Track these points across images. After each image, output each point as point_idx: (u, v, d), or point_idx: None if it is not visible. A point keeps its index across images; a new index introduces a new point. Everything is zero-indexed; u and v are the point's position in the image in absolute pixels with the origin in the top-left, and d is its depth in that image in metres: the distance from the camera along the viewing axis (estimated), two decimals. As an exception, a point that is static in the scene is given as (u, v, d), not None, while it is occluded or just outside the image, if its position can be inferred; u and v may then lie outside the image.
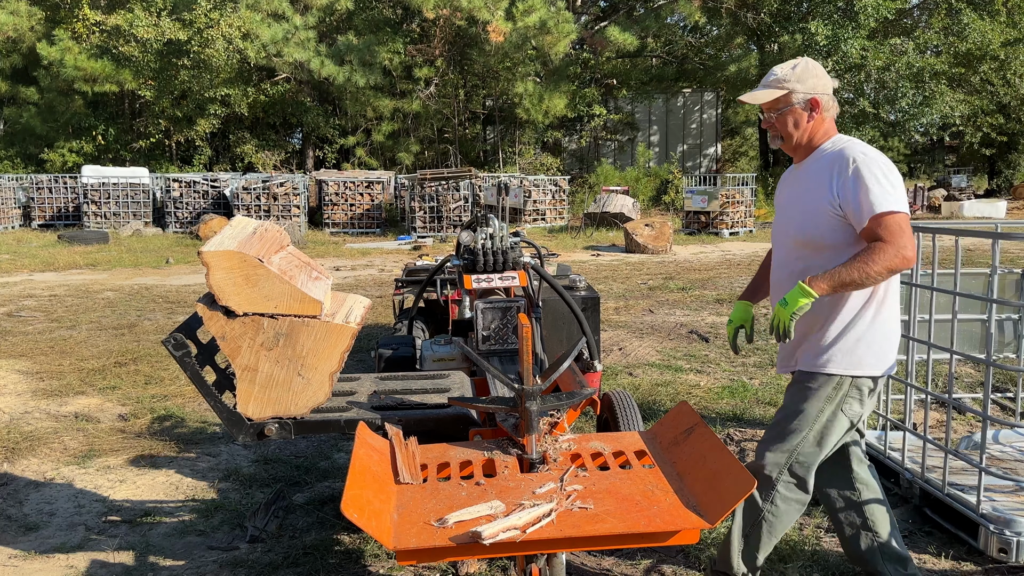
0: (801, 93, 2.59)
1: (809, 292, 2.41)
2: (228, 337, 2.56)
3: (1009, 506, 3.15)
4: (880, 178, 2.45)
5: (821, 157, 2.62)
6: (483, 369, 2.42)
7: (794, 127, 2.62)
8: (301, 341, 2.59)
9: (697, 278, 11.23)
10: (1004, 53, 22.47)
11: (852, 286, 2.42)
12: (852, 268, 2.39)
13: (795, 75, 2.59)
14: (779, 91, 2.59)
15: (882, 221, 2.40)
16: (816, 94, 2.60)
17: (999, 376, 5.71)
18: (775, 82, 2.61)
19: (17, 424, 5.08)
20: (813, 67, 2.61)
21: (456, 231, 17.93)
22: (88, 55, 24.09)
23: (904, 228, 2.40)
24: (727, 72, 27.83)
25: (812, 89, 2.59)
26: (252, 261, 2.51)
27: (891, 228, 2.39)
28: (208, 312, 2.54)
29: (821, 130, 2.64)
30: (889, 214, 2.40)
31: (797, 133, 2.63)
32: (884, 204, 2.41)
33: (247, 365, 2.58)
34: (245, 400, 2.62)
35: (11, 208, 20.71)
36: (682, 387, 5.65)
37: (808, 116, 2.61)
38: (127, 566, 3.28)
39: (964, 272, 3.77)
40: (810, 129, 2.63)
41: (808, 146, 2.66)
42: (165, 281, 11.89)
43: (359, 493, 1.98)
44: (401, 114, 26.50)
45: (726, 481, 2.03)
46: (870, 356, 2.58)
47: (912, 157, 41.89)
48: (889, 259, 2.37)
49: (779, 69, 2.62)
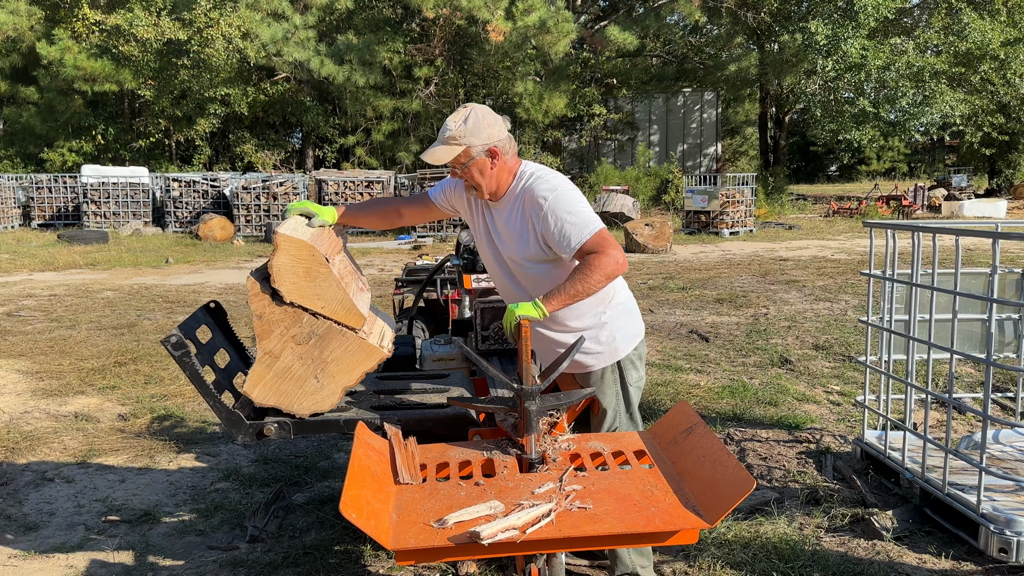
0: (479, 146, 2.64)
1: (542, 309, 2.51)
2: (265, 318, 2.56)
3: (1009, 506, 3.15)
4: (570, 212, 2.59)
5: (514, 198, 2.72)
6: (483, 369, 2.42)
7: (481, 176, 2.69)
8: (331, 347, 2.59)
9: (697, 278, 11.23)
10: (1004, 52, 22.46)
11: (579, 297, 2.56)
12: (576, 283, 2.52)
13: (468, 129, 2.62)
14: (457, 147, 2.64)
15: (585, 248, 2.57)
16: (492, 142, 2.66)
17: (999, 376, 5.71)
18: (451, 139, 2.63)
19: (17, 424, 5.08)
20: (483, 115, 2.65)
21: (456, 231, 17.93)
22: (88, 55, 24.10)
23: (607, 239, 2.57)
24: (727, 72, 27.82)
25: (488, 139, 2.65)
26: (319, 258, 2.53)
27: (598, 246, 2.56)
28: (257, 288, 2.54)
29: (506, 172, 2.72)
30: (588, 240, 2.57)
31: (484, 181, 2.70)
32: (581, 234, 2.57)
33: (271, 350, 2.58)
34: (255, 383, 2.61)
35: (11, 208, 20.73)
36: (682, 387, 5.65)
37: (491, 164, 2.68)
38: (127, 566, 3.28)
39: (964, 272, 3.77)
40: (496, 176, 2.70)
41: (499, 191, 2.74)
42: (165, 281, 11.89)
43: (358, 493, 1.98)
44: (401, 114, 26.51)
45: (725, 481, 2.03)
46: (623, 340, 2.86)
47: (912, 157, 41.97)
48: (604, 268, 2.53)
49: (452, 124, 2.63)
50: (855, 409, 5.00)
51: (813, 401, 5.30)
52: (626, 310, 2.90)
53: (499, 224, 2.80)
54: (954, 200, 22.48)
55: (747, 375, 5.96)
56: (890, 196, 22.91)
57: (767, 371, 6.08)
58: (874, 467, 3.94)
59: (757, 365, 6.26)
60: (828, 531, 3.43)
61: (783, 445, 4.48)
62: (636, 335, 2.90)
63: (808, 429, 4.72)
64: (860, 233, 17.52)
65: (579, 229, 2.58)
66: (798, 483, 3.94)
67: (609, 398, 2.86)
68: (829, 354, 6.54)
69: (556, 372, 2.46)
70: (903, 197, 22.28)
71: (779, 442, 4.52)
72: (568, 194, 2.66)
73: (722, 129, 32.42)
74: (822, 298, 9.24)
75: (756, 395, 5.42)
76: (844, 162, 43.29)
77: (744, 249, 15.16)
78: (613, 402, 2.87)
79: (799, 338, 7.15)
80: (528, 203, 2.67)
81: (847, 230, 18.43)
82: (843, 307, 8.62)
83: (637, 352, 2.91)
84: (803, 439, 4.55)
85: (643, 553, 2.83)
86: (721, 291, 9.90)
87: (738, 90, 31.48)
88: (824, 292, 9.64)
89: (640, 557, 2.81)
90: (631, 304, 2.95)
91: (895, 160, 41.30)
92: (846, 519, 3.49)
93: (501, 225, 2.79)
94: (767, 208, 21.73)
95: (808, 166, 46.11)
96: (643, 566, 2.82)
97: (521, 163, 2.77)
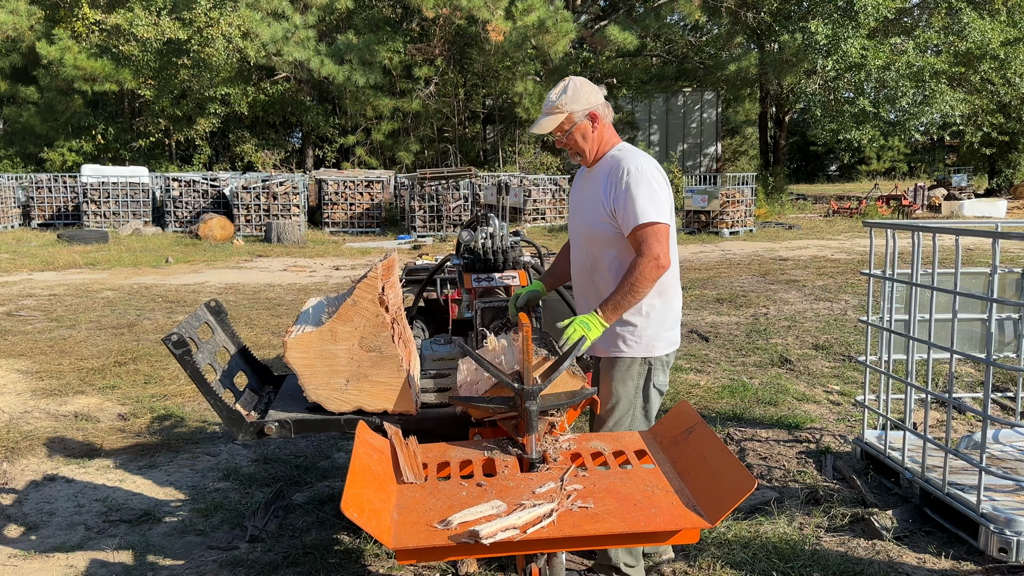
0: (580, 111, 2.84)
1: (603, 324, 2.68)
2: (359, 305, 2.60)
3: (1009, 505, 3.15)
4: (646, 191, 2.74)
5: (605, 165, 2.89)
6: (484, 369, 2.42)
7: (583, 140, 2.88)
8: (380, 371, 2.63)
9: (697, 278, 11.23)
10: (1004, 52, 22.45)
11: (632, 304, 2.73)
12: (624, 290, 2.69)
13: (569, 97, 2.82)
14: (560, 115, 2.83)
15: (641, 233, 2.72)
16: (592, 107, 2.85)
17: (999, 376, 5.71)
18: (554, 109, 2.83)
19: (17, 424, 5.07)
20: (582, 84, 2.86)
21: (456, 230, 17.93)
22: (88, 54, 24.08)
23: (660, 238, 2.71)
24: (727, 71, 27.81)
25: (588, 104, 2.84)
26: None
27: (648, 240, 2.70)
28: (377, 280, 2.61)
29: (607, 136, 2.92)
30: (648, 225, 2.71)
31: (587, 145, 2.90)
32: (645, 216, 2.71)
33: (336, 332, 2.61)
34: (302, 345, 2.62)
35: (11, 207, 20.71)
36: (682, 387, 5.65)
37: (592, 127, 2.87)
38: (127, 566, 3.28)
39: (964, 272, 3.77)
40: (597, 139, 2.90)
41: (599, 153, 2.93)
42: (165, 280, 11.89)
43: (359, 492, 1.98)
44: (401, 113, 26.51)
45: (726, 481, 2.03)
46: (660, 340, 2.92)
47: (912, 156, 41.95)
48: (649, 272, 2.68)
49: (553, 95, 2.84)
50: (855, 409, 5.00)
51: (813, 401, 5.31)
52: (673, 315, 2.95)
53: (586, 189, 2.95)
54: (954, 200, 22.50)
55: (747, 375, 5.96)
56: (890, 196, 22.93)
57: (767, 371, 6.08)
58: (874, 467, 3.94)
59: (757, 365, 6.27)
60: (828, 531, 3.43)
61: (783, 445, 4.48)
62: (674, 343, 2.96)
63: (808, 429, 4.72)
64: (860, 233, 17.52)
65: (644, 211, 2.71)
66: (798, 483, 3.94)
67: (628, 389, 2.88)
68: (829, 354, 6.55)
69: (557, 372, 2.46)
70: (903, 197, 22.29)
71: (779, 442, 4.53)
72: (649, 177, 2.77)
73: (722, 129, 32.43)
74: (822, 298, 9.24)
75: (756, 395, 5.42)
76: (844, 162, 43.31)
77: (744, 249, 15.15)
78: (631, 394, 2.88)
79: (799, 338, 7.15)
80: (613, 170, 2.82)
81: (847, 230, 18.44)
82: (843, 307, 8.62)
83: (668, 359, 2.96)
84: (803, 439, 4.56)
85: (631, 552, 2.83)
86: (721, 291, 9.90)
87: (738, 90, 31.48)
88: (824, 292, 9.64)
89: (628, 556, 2.82)
90: (678, 310, 2.99)
91: (895, 160, 41.32)
92: (846, 519, 3.49)
93: (587, 190, 2.94)
94: (767, 208, 21.73)
95: (808, 166, 46.12)
96: (628, 564, 2.82)
97: (620, 140, 2.94)
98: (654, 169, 2.81)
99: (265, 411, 2.82)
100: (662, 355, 2.90)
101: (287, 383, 3.08)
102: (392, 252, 3.00)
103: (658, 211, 2.72)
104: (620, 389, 2.87)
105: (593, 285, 2.93)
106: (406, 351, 2.76)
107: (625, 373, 2.87)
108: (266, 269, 13.41)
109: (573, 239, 3.07)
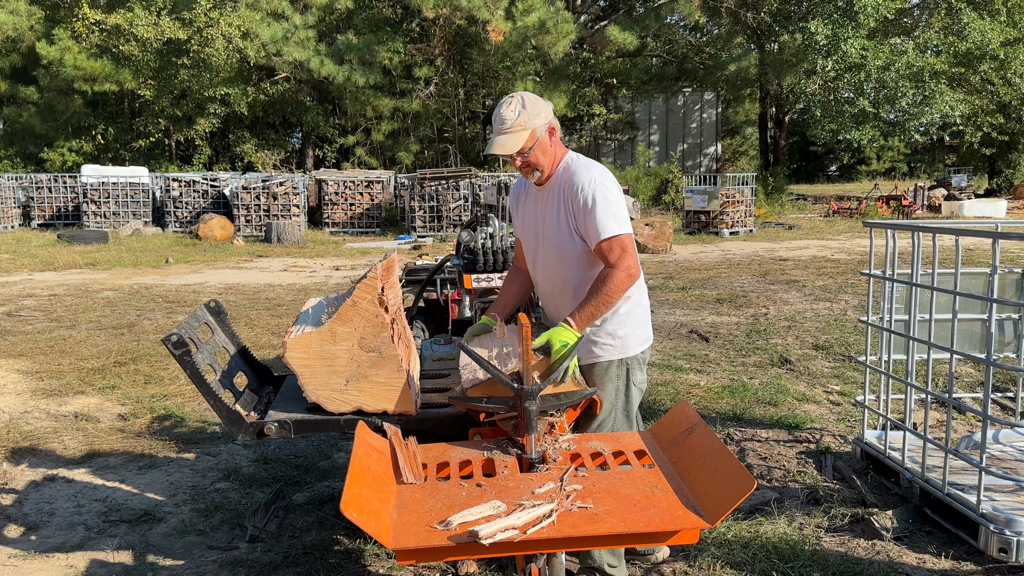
0: (542, 126, 2.78)
1: (574, 332, 2.66)
2: (358, 306, 2.60)
3: (1009, 506, 3.15)
4: (606, 204, 2.74)
5: (557, 183, 2.85)
6: (484, 369, 2.42)
7: (543, 156, 2.81)
8: (380, 371, 2.62)
9: (697, 278, 11.23)
10: (1004, 53, 22.46)
11: (603, 314, 2.75)
12: (596, 301, 2.69)
13: (528, 114, 2.75)
14: (524, 132, 2.75)
15: (607, 245, 2.72)
16: (549, 121, 2.81)
17: (999, 376, 5.71)
18: (516, 127, 2.74)
19: (17, 424, 5.07)
20: (534, 98, 2.80)
21: (456, 231, 17.93)
22: (88, 54, 24.09)
23: (627, 248, 2.74)
24: (727, 72, 27.82)
25: (546, 119, 2.80)
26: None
27: (615, 251, 2.72)
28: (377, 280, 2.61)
29: (559, 149, 2.87)
30: (614, 238, 2.72)
31: (547, 160, 2.83)
32: (608, 230, 2.72)
33: (336, 332, 2.61)
34: (301, 345, 2.61)
35: (11, 208, 20.71)
36: (682, 387, 5.65)
37: (550, 142, 2.82)
38: (127, 566, 3.28)
39: (964, 272, 3.77)
40: (553, 154, 2.85)
41: (550, 169, 2.87)
42: (165, 281, 11.89)
43: (359, 492, 1.98)
44: (401, 113, 26.50)
45: (726, 481, 2.03)
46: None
47: (912, 157, 41.94)
48: (620, 282, 2.70)
49: (510, 114, 2.74)
50: (855, 409, 5.00)
51: (813, 401, 5.31)
52: (642, 311, 2.98)
53: (541, 209, 2.92)
54: (954, 200, 22.49)
55: (747, 375, 5.96)
56: (890, 196, 22.92)
57: (767, 371, 6.08)
58: (874, 467, 3.94)
59: (757, 365, 6.26)
60: (828, 531, 3.42)
61: (783, 445, 4.48)
62: (647, 338, 2.99)
63: (808, 429, 4.72)
64: (860, 233, 17.52)
65: (606, 225, 2.72)
66: (798, 483, 3.94)
67: (609, 393, 2.89)
68: (829, 354, 6.55)
69: (556, 372, 2.46)
70: (903, 197, 22.29)
71: (779, 442, 4.52)
72: (605, 189, 2.77)
73: (722, 129, 32.42)
74: (822, 298, 9.24)
75: (756, 395, 5.42)
76: (844, 162, 43.30)
77: (744, 249, 15.15)
78: (612, 397, 2.90)
79: (799, 338, 7.15)
80: (567, 186, 2.80)
81: (847, 230, 18.44)
82: (843, 307, 8.62)
83: (644, 355, 2.98)
84: (803, 439, 4.56)
85: (614, 553, 2.83)
86: (721, 291, 9.90)
87: (738, 90, 31.48)
88: (824, 292, 9.64)
89: (611, 556, 2.82)
90: (646, 306, 3.02)
91: (895, 160, 41.29)
92: (846, 519, 3.49)
93: (542, 209, 2.91)
94: (767, 208, 21.73)
95: (808, 166, 46.11)
96: (612, 564, 2.83)
97: (567, 151, 2.91)
98: (608, 178, 2.81)
99: (265, 411, 2.82)
100: (638, 353, 2.93)
101: (287, 383, 3.08)
102: (392, 252, 3.00)
103: (619, 223, 2.74)
104: (601, 393, 2.87)
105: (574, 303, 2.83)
106: (406, 351, 2.76)
107: (604, 377, 2.89)
108: (266, 269, 13.42)
109: (537, 263, 2.98)
